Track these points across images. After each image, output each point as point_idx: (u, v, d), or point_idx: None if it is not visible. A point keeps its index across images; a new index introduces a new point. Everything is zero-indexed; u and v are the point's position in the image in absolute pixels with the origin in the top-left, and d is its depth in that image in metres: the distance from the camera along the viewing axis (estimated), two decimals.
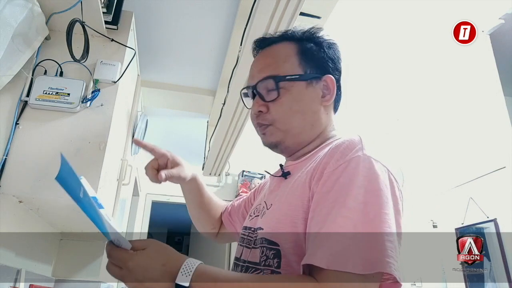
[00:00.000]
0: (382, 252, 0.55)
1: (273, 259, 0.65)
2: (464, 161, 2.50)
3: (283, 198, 0.72)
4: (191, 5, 1.82)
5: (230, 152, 2.63)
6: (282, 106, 0.76)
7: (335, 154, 0.65)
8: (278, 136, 0.78)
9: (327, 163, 0.65)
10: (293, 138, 0.78)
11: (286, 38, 0.82)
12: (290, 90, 0.76)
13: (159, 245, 0.60)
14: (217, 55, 2.16)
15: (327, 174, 0.63)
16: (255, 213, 0.81)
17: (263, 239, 0.69)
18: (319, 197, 0.62)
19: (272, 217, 0.71)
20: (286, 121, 0.77)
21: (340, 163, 0.63)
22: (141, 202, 3.81)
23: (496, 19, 2.20)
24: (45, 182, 1.22)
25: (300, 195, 0.67)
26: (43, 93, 1.31)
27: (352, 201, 0.58)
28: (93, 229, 0.57)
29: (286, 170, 0.78)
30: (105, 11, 1.44)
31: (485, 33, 2.29)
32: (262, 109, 0.77)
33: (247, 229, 0.80)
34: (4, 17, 1.09)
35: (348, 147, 0.65)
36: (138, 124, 2.09)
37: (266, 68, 0.79)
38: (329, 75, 0.80)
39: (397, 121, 3.11)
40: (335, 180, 0.62)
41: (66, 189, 0.52)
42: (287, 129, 0.77)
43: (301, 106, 0.77)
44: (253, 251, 0.72)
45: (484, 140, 2.35)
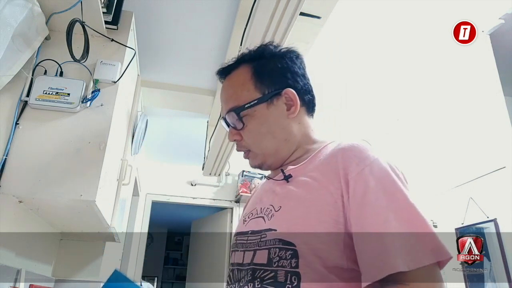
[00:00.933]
0: (438, 239, 0.61)
1: (290, 259, 0.66)
2: (464, 161, 2.50)
3: (294, 200, 0.72)
4: (191, 5, 1.82)
5: (230, 152, 2.63)
6: (250, 132, 0.81)
7: (352, 159, 0.68)
8: (259, 159, 0.83)
9: (346, 169, 0.67)
10: (272, 157, 0.82)
11: (242, 61, 0.85)
12: (253, 115, 0.80)
13: None
14: (217, 55, 2.16)
15: (353, 179, 0.66)
16: (250, 217, 0.81)
17: (277, 240, 0.69)
18: (356, 203, 0.64)
19: (286, 218, 0.71)
20: (259, 145, 0.82)
21: (362, 166, 0.66)
22: (141, 202, 3.81)
23: (496, 19, 2.20)
24: (45, 182, 1.22)
25: (321, 199, 0.68)
26: (43, 93, 1.31)
27: (393, 201, 0.63)
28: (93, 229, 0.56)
29: (288, 174, 0.78)
30: (105, 11, 1.44)
31: (485, 33, 2.29)
32: (236, 138, 0.83)
33: (244, 234, 0.79)
34: (4, 17, 1.09)
35: (362, 150, 0.69)
36: (138, 124, 2.09)
37: (228, 100, 0.83)
38: (288, 89, 0.81)
39: (397, 121, 3.11)
40: (365, 184, 0.65)
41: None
42: (263, 152, 0.82)
43: (267, 127, 0.80)
44: (259, 253, 0.71)
45: (484, 140, 2.35)
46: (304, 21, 1.58)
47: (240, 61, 0.85)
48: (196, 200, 4.10)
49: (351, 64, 2.43)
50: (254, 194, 0.92)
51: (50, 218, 1.57)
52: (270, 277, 0.67)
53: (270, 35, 1.41)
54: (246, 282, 0.71)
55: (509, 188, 2.10)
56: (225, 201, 4.17)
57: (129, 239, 3.58)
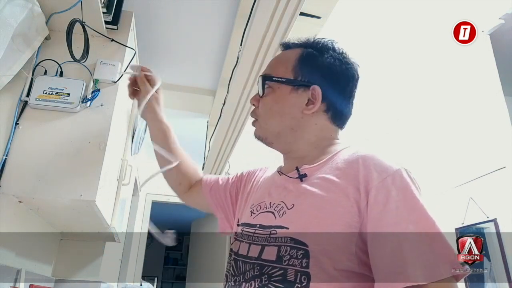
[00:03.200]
0: (455, 254, 0.62)
1: (301, 259, 0.66)
2: (464, 161, 2.50)
3: (309, 200, 0.72)
4: (191, 5, 1.82)
5: (230, 152, 2.63)
6: (265, 104, 0.84)
7: (373, 167, 0.68)
8: (261, 132, 0.85)
9: (368, 176, 0.67)
10: (274, 137, 0.84)
11: (303, 46, 0.87)
12: (275, 91, 0.82)
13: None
14: (217, 55, 2.16)
15: (375, 187, 0.66)
16: (259, 210, 0.80)
17: (288, 238, 0.69)
18: (376, 212, 0.65)
19: (299, 218, 0.71)
20: (266, 119, 0.84)
21: (384, 176, 0.67)
22: (141, 202, 3.81)
23: (496, 19, 2.20)
24: (45, 182, 1.22)
25: (337, 203, 0.68)
26: (43, 93, 1.31)
27: (412, 212, 0.64)
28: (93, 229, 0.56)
29: (303, 173, 0.78)
30: (105, 11, 1.44)
31: (485, 33, 2.29)
32: (254, 103, 0.86)
33: (250, 226, 0.79)
34: (4, 17, 1.09)
35: (383, 160, 0.70)
36: (138, 124, 2.09)
37: (268, 67, 0.88)
38: (315, 86, 0.81)
39: (397, 121, 3.11)
40: (387, 193, 0.65)
41: None
42: (266, 127, 0.84)
43: (280, 107, 0.81)
44: (268, 249, 0.71)
45: (484, 140, 2.35)
46: (304, 21, 1.58)
47: (302, 45, 0.87)
48: None
49: None
50: (262, 183, 0.91)
51: (50, 218, 1.57)
52: (279, 275, 0.67)
53: (270, 35, 1.41)
54: (253, 277, 0.70)
55: (509, 188, 2.10)
56: None
57: (129, 239, 3.58)
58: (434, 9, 2.05)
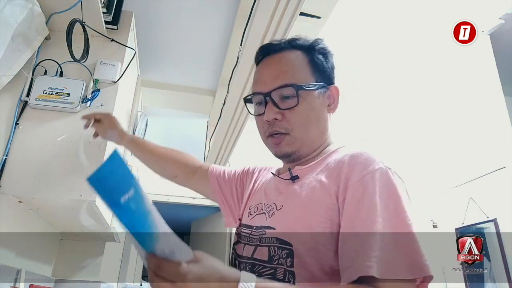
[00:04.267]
0: (421, 256, 0.59)
1: (286, 258, 0.66)
2: (464, 161, 2.50)
3: (296, 201, 0.73)
4: (191, 5, 1.82)
5: (230, 152, 2.63)
6: (300, 114, 0.77)
7: (357, 165, 0.68)
8: (295, 146, 0.78)
9: (350, 174, 0.67)
10: (308, 146, 0.79)
11: (294, 46, 0.83)
12: (307, 98, 0.77)
13: (211, 259, 0.57)
14: (217, 55, 2.16)
15: (353, 185, 0.66)
16: (256, 212, 0.82)
17: (275, 239, 0.70)
18: (351, 207, 0.64)
19: (286, 218, 0.72)
20: (304, 129, 0.77)
21: (364, 173, 0.66)
22: None
23: (496, 19, 2.20)
24: (45, 182, 1.22)
25: (320, 202, 0.68)
26: (43, 93, 1.31)
27: (385, 212, 0.62)
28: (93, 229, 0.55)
29: (295, 174, 0.78)
30: (105, 11, 1.44)
31: (485, 33, 2.29)
32: (278, 117, 0.77)
33: (248, 227, 0.80)
34: (4, 17, 1.09)
35: (368, 159, 0.68)
36: (138, 124, 2.09)
37: (283, 75, 0.78)
38: (334, 85, 0.83)
39: (397, 121, 3.11)
40: (363, 190, 0.64)
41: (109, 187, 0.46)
42: (303, 138, 0.78)
43: (316, 114, 0.79)
44: (260, 249, 0.72)
45: (484, 140, 2.35)
46: (304, 21, 1.58)
47: (292, 45, 0.83)
48: (196, 200, 4.10)
49: (351, 64, 2.43)
50: (262, 184, 0.92)
51: (50, 218, 1.57)
52: (269, 274, 0.68)
53: (270, 35, 1.41)
54: None
55: (509, 188, 2.10)
56: None
57: (129, 239, 3.58)
58: (434, 9, 2.05)
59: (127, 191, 0.47)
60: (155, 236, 0.50)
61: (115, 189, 0.46)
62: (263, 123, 0.80)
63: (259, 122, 0.82)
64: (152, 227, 0.49)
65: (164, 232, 0.50)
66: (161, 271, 0.51)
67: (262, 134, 0.82)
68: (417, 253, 0.59)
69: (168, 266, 0.51)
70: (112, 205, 0.47)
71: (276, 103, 0.77)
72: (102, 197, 0.47)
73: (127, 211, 0.47)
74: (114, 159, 0.46)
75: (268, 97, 0.78)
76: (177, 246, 0.52)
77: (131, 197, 0.47)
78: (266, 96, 0.78)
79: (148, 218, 0.49)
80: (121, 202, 0.46)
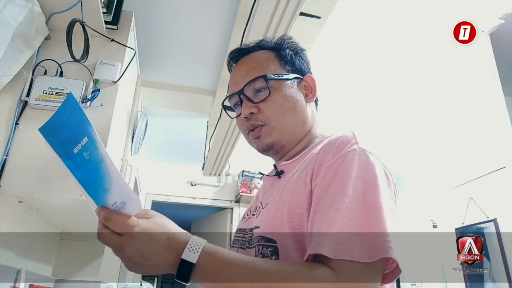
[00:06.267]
0: (383, 239, 0.56)
1: (271, 256, 0.66)
2: (464, 161, 2.50)
3: (277, 196, 0.72)
4: (191, 5, 1.82)
5: (230, 152, 2.63)
6: (274, 103, 0.77)
7: (331, 150, 0.66)
8: (274, 136, 0.78)
9: (323, 159, 0.66)
10: (288, 135, 0.78)
11: (261, 47, 0.84)
12: (279, 88, 0.78)
13: (163, 217, 0.56)
14: (217, 55, 2.16)
15: (325, 170, 0.64)
16: (248, 215, 0.82)
17: (260, 237, 0.69)
18: (320, 192, 0.63)
19: (268, 215, 0.71)
20: (280, 118, 0.77)
21: (336, 157, 0.64)
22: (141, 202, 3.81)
23: (496, 19, 2.20)
24: (45, 182, 1.22)
25: (296, 192, 0.67)
26: (43, 93, 1.31)
27: (352, 193, 0.59)
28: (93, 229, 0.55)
29: (280, 170, 0.78)
30: (105, 11, 1.44)
31: (485, 33, 2.29)
32: (253, 111, 0.78)
33: (241, 231, 0.80)
34: (4, 17, 1.09)
35: (343, 142, 0.66)
36: (138, 124, 2.09)
37: (251, 71, 0.79)
38: (309, 75, 0.83)
39: (397, 121, 3.11)
40: (334, 174, 0.62)
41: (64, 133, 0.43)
42: (281, 127, 0.78)
43: (291, 103, 0.78)
44: (248, 251, 0.72)
45: (484, 140, 2.35)
46: (304, 21, 1.58)
47: (259, 46, 0.84)
48: (196, 200, 4.11)
49: (351, 64, 2.43)
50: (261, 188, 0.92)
51: (50, 218, 1.57)
52: None
53: (270, 35, 1.41)
54: None
55: (509, 188, 2.10)
56: (225, 201, 4.17)
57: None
58: (434, 9, 2.05)
59: (80, 140, 0.45)
60: (107, 188, 0.50)
61: (68, 140, 0.44)
62: (242, 122, 0.81)
63: (239, 122, 0.83)
64: (105, 177, 0.48)
65: (116, 182, 0.49)
66: (109, 222, 0.52)
67: (243, 132, 0.83)
68: (378, 236, 0.56)
69: (117, 217, 0.52)
70: (64, 157, 0.45)
71: (250, 98, 0.78)
72: (54, 149, 0.45)
73: (80, 162, 0.46)
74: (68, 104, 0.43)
75: (242, 95, 0.79)
76: (129, 198, 0.51)
77: (84, 145, 0.45)
78: (240, 94, 0.79)
79: (101, 168, 0.48)
80: (73, 153, 0.44)
